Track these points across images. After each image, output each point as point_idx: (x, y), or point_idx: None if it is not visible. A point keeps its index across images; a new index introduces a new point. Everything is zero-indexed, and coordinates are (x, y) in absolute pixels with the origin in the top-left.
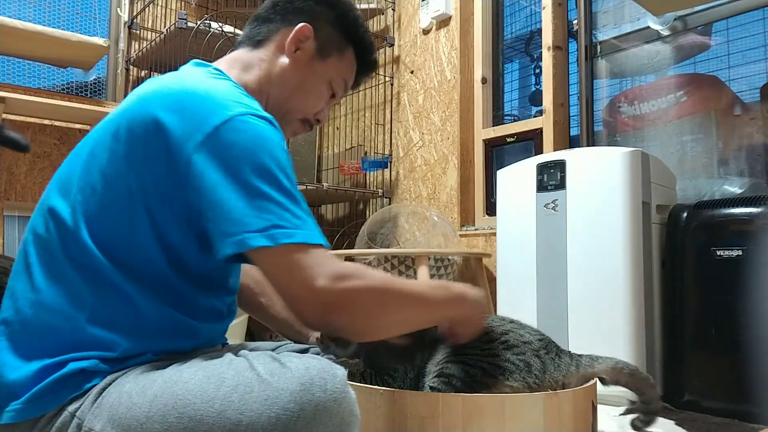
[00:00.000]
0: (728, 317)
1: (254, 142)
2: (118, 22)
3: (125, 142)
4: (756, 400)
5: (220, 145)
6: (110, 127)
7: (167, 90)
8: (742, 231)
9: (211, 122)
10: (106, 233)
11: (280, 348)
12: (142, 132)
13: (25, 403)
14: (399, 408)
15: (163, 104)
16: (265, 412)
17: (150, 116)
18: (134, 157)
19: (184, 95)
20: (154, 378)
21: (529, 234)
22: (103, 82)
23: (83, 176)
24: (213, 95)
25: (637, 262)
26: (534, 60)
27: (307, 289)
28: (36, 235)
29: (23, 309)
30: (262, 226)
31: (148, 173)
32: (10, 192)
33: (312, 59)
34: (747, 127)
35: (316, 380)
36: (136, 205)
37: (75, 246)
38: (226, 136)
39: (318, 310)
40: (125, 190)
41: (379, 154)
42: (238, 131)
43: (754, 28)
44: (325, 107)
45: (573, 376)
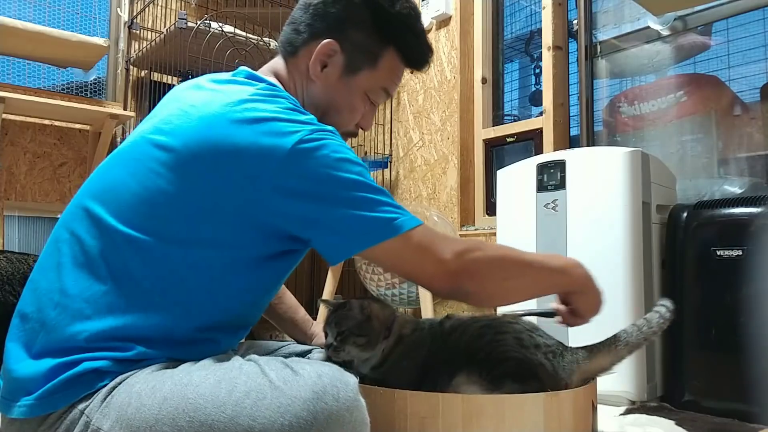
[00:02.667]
0: (728, 317)
1: (331, 155)
2: (118, 22)
3: (193, 163)
4: (756, 400)
5: (300, 165)
6: (167, 142)
7: (231, 115)
8: (742, 231)
9: (285, 146)
10: (158, 246)
11: (283, 348)
12: (215, 155)
13: (36, 399)
14: (399, 408)
15: (232, 130)
16: (278, 419)
17: (221, 139)
18: (207, 178)
19: (252, 119)
20: (164, 379)
21: (529, 234)
22: (103, 82)
23: (136, 189)
24: (277, 119)
25: (637, 262)
26: (534, 60)
27: (438, 264)
28: (75, 236)
29: (45, 309)
30: (378, 224)
31: (220, 195)
32: (10, 192)
33: (340, 77)
34: (747, 127)
35: (329, 389)
36: (201, 224)
37: (119, 258)
38: (304, 156)
39: (450, 281)
40: (190, 209)
41: (379, 154)
42: (312, 150)
43: (754, 28)
44: (367, 114)
45: (575, 373)
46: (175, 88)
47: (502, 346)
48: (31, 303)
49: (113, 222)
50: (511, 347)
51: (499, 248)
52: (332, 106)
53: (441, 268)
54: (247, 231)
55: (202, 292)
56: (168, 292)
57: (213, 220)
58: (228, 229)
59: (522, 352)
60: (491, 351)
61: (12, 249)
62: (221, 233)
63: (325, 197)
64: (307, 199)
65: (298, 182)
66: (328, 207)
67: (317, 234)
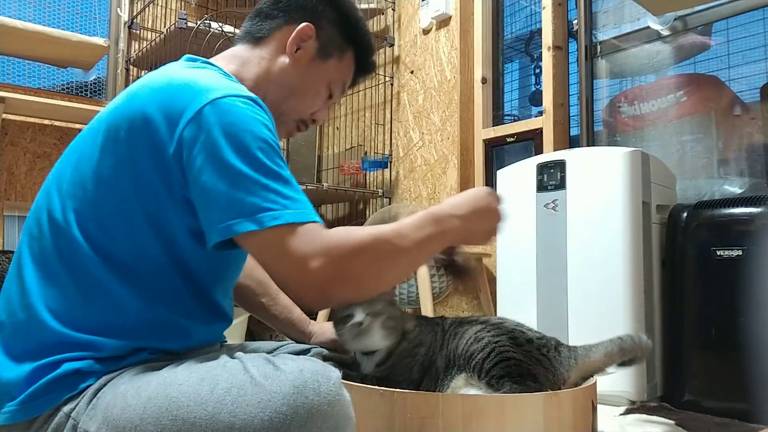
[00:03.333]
0: (728, 317)
1: (235, 123)
2: (118, 22)
3: (115, 140)
4: (756, 400)
5: (201, 130)
6: (100, 125)
7: (152, 84)
8: (742, 231)
9: (192, 107)
10: (100, 232)
11: (281, 348)
12: (131, 128)
13: (20, 404)
14: (399, 408)
15: (148, 99)
16: (258, 415)
17: (137, 112)
18: (126, 154)
19: (166, 87)
20: (149, 380)
21: (529, 234)
22: (103, 82)
23: (74, 176)
24: (194, 82)
25: (637, 262)
26: (534, 60)
27: (300, 272)
28: (30, 236)
29: (16, 311)
30: (248, 211)
31: (141, 169)
32: (10, 192)
33: (312, 60)
34: (747, 127)
35: (310, 383)
36: (132, 202)
37: (67, 245)
38: (207, 121)
39: (315, 292)
40: (120, 188)
41: (379, 154)
42: (218, 114)
43: (754, 28)
44: (322, 108)
45: (573, 369)
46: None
47: (500, 347)
48: (4, 310)
49: (57, 214)
50: (508, 347)
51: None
52: (298, 88)
53: (304, 278)
54: (168, 203)
55: (157, 272)
56: (121, 276)
57: (141, 197)
58: (153, 203)
59: (519, 350)
60: (489, 353)
61: (12, 249)
62: (151, 209)
63: (212, 166)
64: (197, 165)
65: (196, 146)
66: (214, 179)
67: (199, 206)
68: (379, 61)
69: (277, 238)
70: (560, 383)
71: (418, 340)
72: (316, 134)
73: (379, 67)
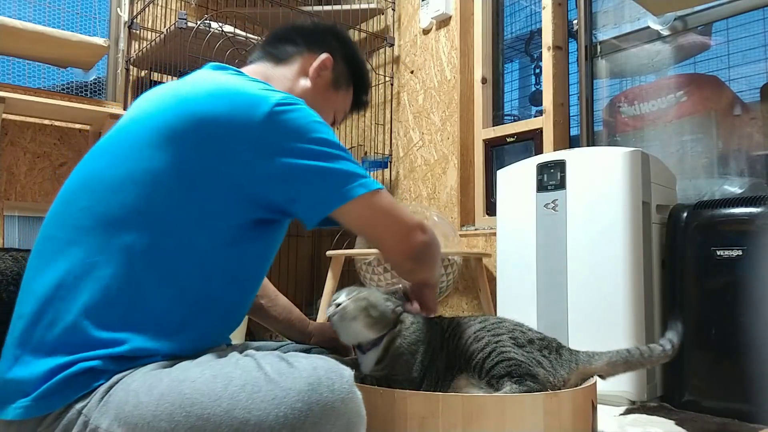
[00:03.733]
0: (728, 317)
1: (304, 118)
2: (118, 22)
3: (172, 139)
4: (756, 400)
5: (279, 130)
6: (143, 127)
7: (206, 89)
8: (742, 231)
9: (261, 111)
10: (147, 232)
11: (283, 348)
12: (194, 129)
13: (33, 401)
14: (399, 408)
15: (208, 102)
16: (273, 411)
17: (199, 114)
18: (188, 154)
19: (226, 92)
20: (161, 377)
21: (529, 234)
22: (103, 82)
23: (116, 173)
24: (251, 88)
25: (637, 262)
26: (534, 60)
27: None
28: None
29: (38, 309)
30: (354, 181)
31: (205, 168)
32: (10, 192)
33: (327, 88)
34: (747, 127)
35: (324, 380)
36: (188, 200)
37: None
38: (280, 121)
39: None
40: (176, 186)
41: (379, 154)
42: (287, 112)
43: (754, 28)
44: None
45: (573, 373)
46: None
47: (500, 347)
48: (25, 304)
49: (100, 207)
50: (509, 348)
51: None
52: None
53: (407, 231)
54: (231, 200)
55: (191, 269)
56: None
57: (199, 194)
58: (213, 200)
59: (520, 351)
60: (490, 353)
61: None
62: (207, 206)
63: (303, 153)
64: (287, 155)
65: (278, 143)
66: (307, 162)
67: (297, 191)
68: (379, 61)
69: (379, 199)
70: (560, 385)
71: (414, 337)
72: None
73: (379, 67)
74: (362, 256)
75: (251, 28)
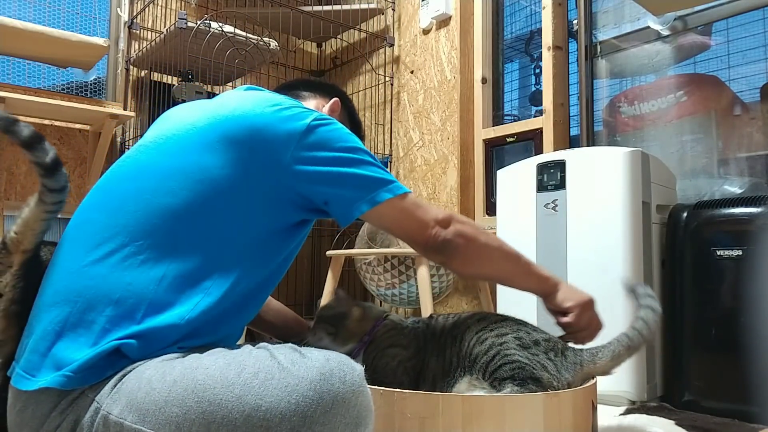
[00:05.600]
0: (728, 317)
1: (338, 130)
2: (118, 22)
3: (228, 142)
4: (756, 400)
5: (318, 141)
6: (193, 130)
7: (256, 101)
8: (742, 231)
9: (303, 123)
10: (196, 230)
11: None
12: (249, 137)
13: (72, 372)
14: (399, 408)
15: (260, 113)
16: (285, 398)
17: (251, 123)
18: (242, 157)
19: (273, 105)
20: (174, 365)
21: (529, 234)
22: (103, 82)
23: (168, 171)
24: (293, 104)
25: (637, 262)
26: (534, 60)
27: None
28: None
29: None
30: (382, 186)
31: (255, 171)
32: (10, 192)
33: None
34: (747, 127)
35: (336, 371)
36: (235, 201)
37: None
38: (318, 132)
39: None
40: (227, 187)
41: (379, 154)
42: (324, 125)
43: (754, 28)
44: None
45: (578, 375)
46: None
47: (504, 349)
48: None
49: (146, 196)
50: (514, 350)
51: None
52: None
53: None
54: (274, 201)
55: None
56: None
57: (247, 193)
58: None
59: (524, 354)
60: (494, 355)
61: None
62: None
63: (340, 160)
64: (326, 163)
65: (318, 151)
66: (344, 167)
67: (334, 192)
68: (379, 61)
69: (405, 202)
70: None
71: (389, 342)
72: None
73: (379, 67)
74: (362, 256)
75: (251, 28)
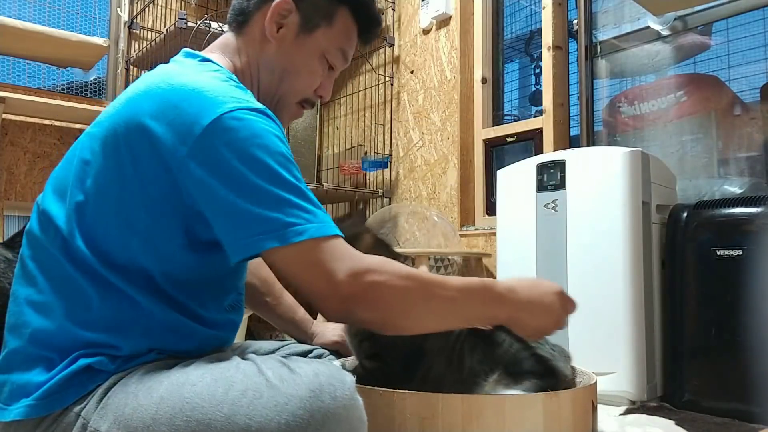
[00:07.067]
0: (728, 317)
1: (247, 139)
2: (118, 22)
3: (115, 147)
4: (756, 400)
5: (212, 148)
6: (100, 130)
7: (154, 91)
8: (742, 231)
9: (200, 123)
10: (101, 242)
11: (284, 348)
12: (132, 136)
13: (36, 400)
14: (399, 408)
15: (150, 109)
16: (275, 417)
17: (139, 122)
18: (126, 162)
19: (171, 95)
20: (160, 379)
21: (529, 234)
22: (103, 82)
23: (76, 183)
24: (200, 92)
25: (637, 262)
26: (534, 60)
27: (326, 283)
28: (34, 238)
29: (27, 316)
30: (271, 227)
31: (143, 179)
32: (10, 192)
33: (297, 36)
34: (747, 127)
35: (326, 387)
36: (130, 214)
37: (74, 251)
38: (218, 137)
39: (340, 305)
40: (117, 199)
41: (379, 154)
42: (228, 130)
43: (754, 28)
44: (325, 82)
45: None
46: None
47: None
48: (14, 313)
49: (60, 221)
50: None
51: (408, 278)
52: (290, 69)
53: (331, 290)
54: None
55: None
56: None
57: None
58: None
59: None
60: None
61: None
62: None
63: (229, 185)
64: (213, 184)
65: (210, 165)
66: (233, 196)
67: (218, 224)
68: (379, 61)
69: (301, 253)
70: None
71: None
72: (316, 134)
73: (379, 67)
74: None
75: None
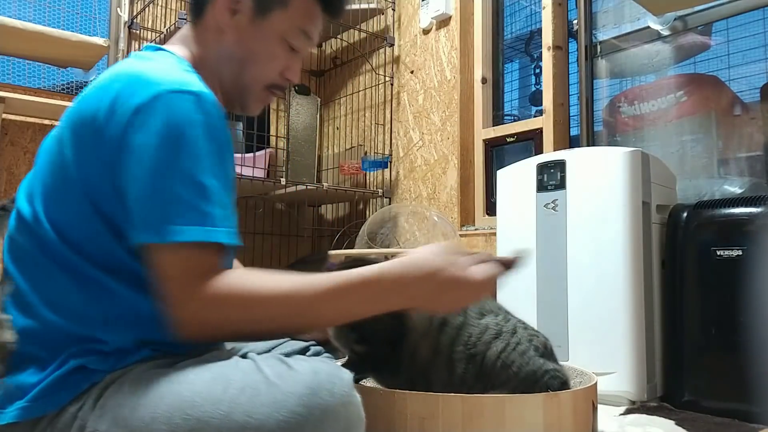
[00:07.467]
0: (728, 317)
1: (174, 124)
2: (118, 22)
3: (69, 140)
4: (756, 400)
5: (141, 127)
6: (62, 124)
7: (99, 82)
8: (742, 231)
9: (135, 101)
10: (71, 233)
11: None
12: (78, 127)
13: (29, 402)
14: (399, 408)
15: (94, 97)
16: (273, 414)
17: (84, 111)
18: (72, 154)
19: (112, 82)
20: (157, 378)
21: (529, 234)
22: None
23: (41, 179)
24: (141, 75)
25: (637, 262)
26: (534, 60)
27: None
28: (12, 239)
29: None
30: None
31: (89, 169)
32: (10, 192)
33: (252, 20)
34: (747, 127)
35: (324, 384)
36: (86, 203)
37: (49, 247)
38: (146, 118)
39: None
40: (76, 190)
41: (379, 154)
42: (158, 112)
43: (754, 28)
44: (291, 64)
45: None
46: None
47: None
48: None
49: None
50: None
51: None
52: (249, 56)
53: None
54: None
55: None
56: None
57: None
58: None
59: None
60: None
61: None
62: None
63: (140, 169)
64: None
65: (132, 145)
66: (137, 181)
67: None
68: (379, 61)
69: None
70: None
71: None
72: (316, 134)
73: (379, 67)
74: (362, 257)
75: None
